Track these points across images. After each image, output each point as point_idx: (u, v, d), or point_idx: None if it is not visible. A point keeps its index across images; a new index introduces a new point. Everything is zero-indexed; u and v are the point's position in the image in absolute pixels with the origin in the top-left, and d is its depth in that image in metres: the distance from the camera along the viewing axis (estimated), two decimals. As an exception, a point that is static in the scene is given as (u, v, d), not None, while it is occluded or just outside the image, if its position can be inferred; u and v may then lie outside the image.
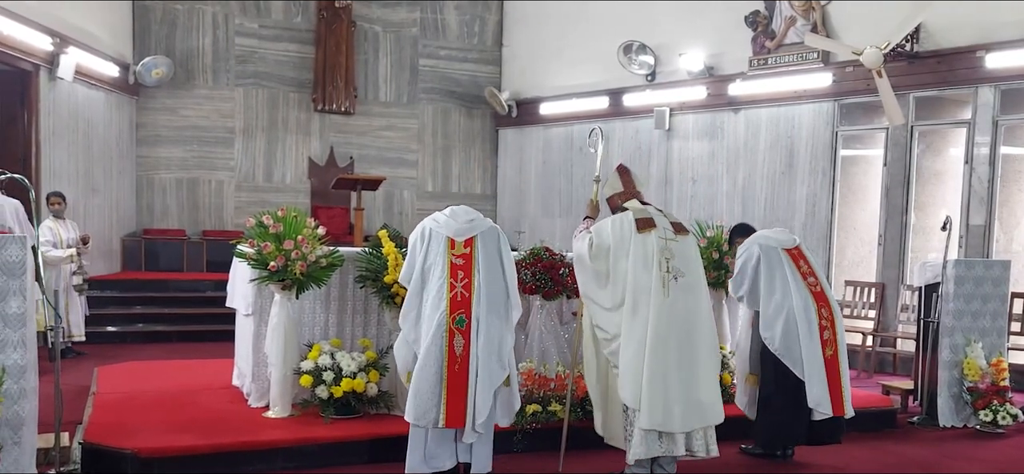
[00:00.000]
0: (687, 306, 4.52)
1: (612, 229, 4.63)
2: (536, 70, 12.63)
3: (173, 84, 11.55)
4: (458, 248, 4.58)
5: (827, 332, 5.20)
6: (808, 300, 5.20)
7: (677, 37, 10.72)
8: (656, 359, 4.41)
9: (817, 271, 5.39)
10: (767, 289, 5.27)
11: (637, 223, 4.59)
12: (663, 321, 4.44)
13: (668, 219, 4.70)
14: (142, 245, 11.41)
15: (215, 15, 11.85)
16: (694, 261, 4.66)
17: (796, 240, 5.46)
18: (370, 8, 12.53)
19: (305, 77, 12.25)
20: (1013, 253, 8.38)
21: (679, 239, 4.61)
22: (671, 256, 4.55)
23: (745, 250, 5.44)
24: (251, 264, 5.49)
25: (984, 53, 8.20)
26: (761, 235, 5.50)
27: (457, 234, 4.61)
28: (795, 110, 9.81)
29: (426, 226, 4.71)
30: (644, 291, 4.47)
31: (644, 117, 11.16)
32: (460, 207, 4.79)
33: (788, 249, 5.36)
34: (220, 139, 11.98)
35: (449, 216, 4.70)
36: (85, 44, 9.87)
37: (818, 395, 5.10)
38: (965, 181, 8.50)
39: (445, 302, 4.44)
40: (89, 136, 10.27)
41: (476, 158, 13.30)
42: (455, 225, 4.65)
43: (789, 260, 5.31)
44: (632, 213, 4.66)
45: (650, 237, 4.55)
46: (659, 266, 4.49)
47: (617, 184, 4.87)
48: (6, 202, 6.74)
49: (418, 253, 4.63)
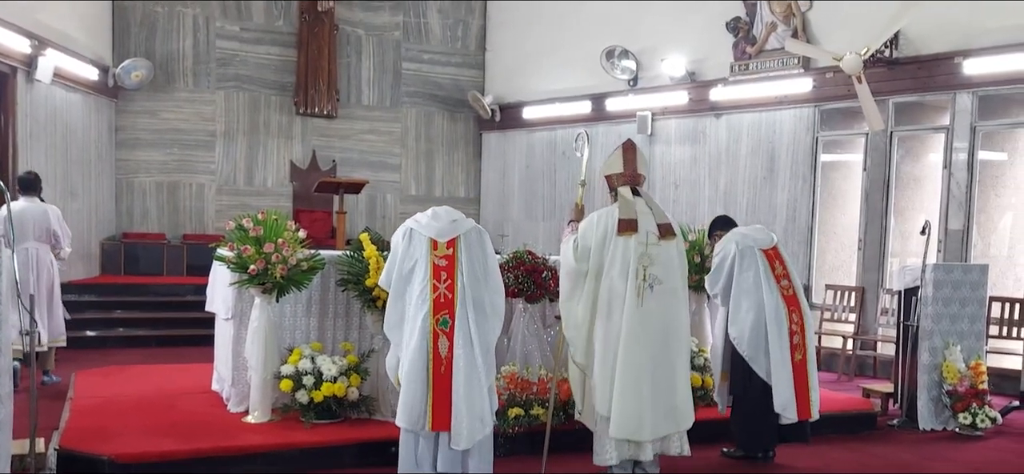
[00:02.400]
0: (663, 314, 4.47)
1: (596, 229, 4.60)
2: (519, 74, 12.65)
3: (153, 87, 11.45)
4: (441, 249, 4.52)
5: (797, 336, 5.20)
6: (779, 303, 5.21)
7: (659, 42, 10.77)
8: (628, 369, 4.39)
9: (791, 273, 5.38)
10: (739, 289, 5.28)
11: (619, 224, 4.54)
12: (635, 330, 4.41)
13: (655, 219, 4.60)
14: (121, 249, 11.29)
15: (196, 18, 11.77)
16: (675, 267, 4.59)
17: (774, 239, 5.45)
18: (353, 12, 12.49)
19: (287, 80, 12.19)
20: (991, 257, 8.48)
21: (662, 244, 4.54)
22: (650, 263, 4.49)
23: (722, 247, 5.43)
24: (231, 268, 5.44)
25: (962, 59, 8.29)
26: (739, 232, 5.48)
27: (439, 235, 4.55)
28: (776, 115, 9.88)
29: (408, 227, 4.65)
30: (619, 298, 4.45)
31: (627, 122, 11.20)
32: (442, 208, 4.73)
33: (765, 249, 5.35)
34: (201, 142, 11.88)
35: (431, 217, 4.64)
36: (63, 46, 9.77)
37: (784, 400, 5.11)
38: (944, 186, 8.59)
39: (428, 304, 4.39)
40: (67, 139, 10.16)
41: (459, 162, 13.28)
42: (437, 226, 4.59)
43: (765, 261, 5.30)
44: (617, 211, 4.60)
45: (630, 242, 4.50)
46: (636, 274, 4.44)
47: (617, 163, 4.75)
48: (49, 209, 7.08)
49: (399, 256, 4.57)
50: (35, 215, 7.01)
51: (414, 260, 4.52)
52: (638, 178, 4.73)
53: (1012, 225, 8.74)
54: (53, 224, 7.07)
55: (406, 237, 4.59)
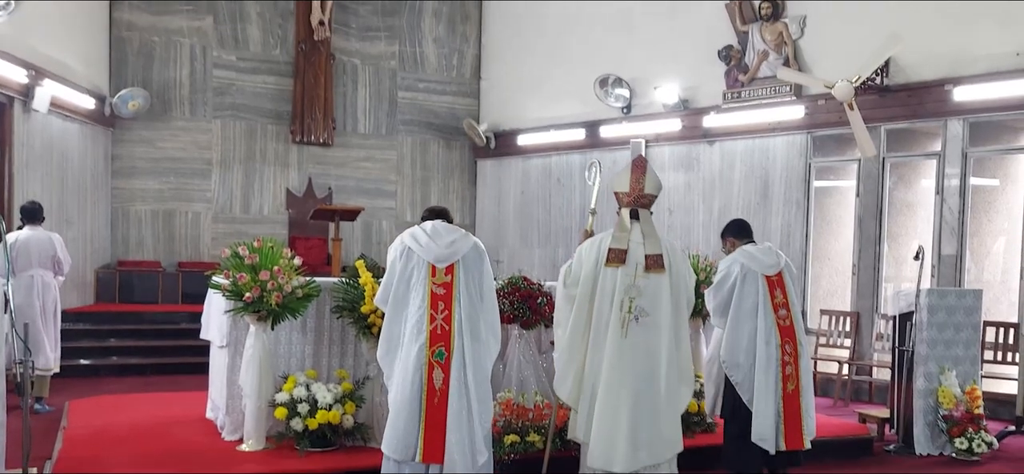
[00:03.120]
0: (648, 346, 4.41)
1: (588, 256, 4.56)
2: (514, 102, 12.73)
3: (150, 116, 11.49)
4: (439, 276, 4.40)
5: (789, 367, 5.15)
6: (772, 333, 5.17)
7: (652, 71, 10.87)
8: (606, 399, 4.35)
9: (791, 302, 5.31)
10: (735, 312, 5.25)
11: (607, 254, 4.48)
12: (617, 362, 4.37)
13: (645, 250, 4.50)
14: (116, 277, 11.27)
15: (193, 47, 11.85)
16: (663, 300, 4.47)
17: (781, 264, 5.34)
18: (349, 41, 12.59)
19: (283, 109, 12.25)
20: (984, 282, 8.51)
21: (650, 276, 4.45)
22: (637, 295, 4.42)
23: (727, 266, 5.35)
24: (226, 295, 5.45)
25: (952, 86, 8.38)
26: (747, 254, 5.35)
27: (438, 260, 4.42)
28: (769, 142, 9.95)
29: (405, 245, 4.49)
30: (603, 327, 4.44)
31: (621, 148, 11.26)
32: (441, 224, 4.58)
33: (768, 275, 5.26)
34: (197, 171, 11.91)
35: (430, 237, 4.47)
36: (60, 76, 9.82)
37: (763, 430, 5.07)
38: (936, 212, 8.64)
39: (424, 335, 4.31)
40: (63, 168, 10.18)
41: (455, 189, 13.33)
42: (436, 250, 4.44)
43: (766, 288, 5.24)
44: (609, 239, 4.57)
45: (617, 272, 4.45)
46: (620, 306, 4.40)
47: (623, 181, 4.64)
48: (52, 236, 7.35)
49: (395, 276, 4.44)
50: (40, 243, 7.28)
51: (410, 281, 4.41)
52: (642, 200, 4.61)
53: (1005, 250, 8.79)
54: (58, 251, 7.35)
55: (404, 256, 4.46)
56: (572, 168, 12.05)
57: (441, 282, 4.40)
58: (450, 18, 13.13)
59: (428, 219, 4.68)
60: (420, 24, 12.97)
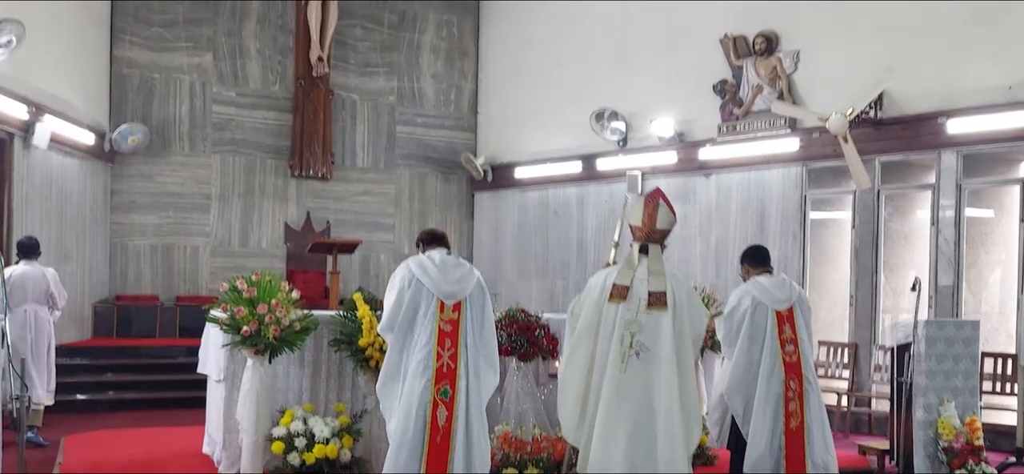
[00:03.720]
0: (646, 381, 4.38)
1: (594, 289, 4.55)
2: (511, 136, 12.82)
3: (149, 151, 11.55)
4: (447, 312, 4.38)
5: (793, 404, 5.12)
6: (776, 368, 5.13)
7: (647, 104, 10.96)
8: (603, 433, 4.34)
9: (800, 337, 5.23)
10: (741, 347, 5.23)
11: (611, 289, 4.47)
12: (615, 396, 4.36)
13: (648, 287, 4.46)
14: (114, 311, 11.25)
15: (193, 84, 11.94)
16: (665, 337, 4.43)
17: (791, 299, 5.26)
18: (348, 77, 12.70)
19: (283, 144, 12.33)
20: (982, 313, 8.52)
21: (652, 313, 4.42)
22: (638, 330, 4.40)
23: (738, 297, 5.30)
24: (224, 329, 5.45)
25: (946, 119, 8.45)
26: (759, 285, 5.28)
27: (447, 297, 4.41)
28: (765, 174, 10.01)
29: (413, 274, 4.45)
30: (603, 361, 4.43)
31: (617, 181, 11.33)
32: (450, 258, 4.56)
33: (779, 310, 5.20)
34: (196, 205, 11.95)
35: (439, 269, 4.44)
36: (61, 112, 9.87)
37: (756, 462, 5.06)
38: (932, 243, 8.67)
39: (431, 372, 4.29)
40: (62, 203, 10.21)
41: (452, 221, 13.37)
42: (446, 286, 4.42)
43: (774, 322, 5.18)
44: (613, 274, 4.55)
45: (619, 307, 4.44)
46: (621, 341, 4.38)
47: (637, 214, 4.62)
48: (46, 272, 7.40)
49: (403, 306, 4.39)
50: (35, 278, 7.32)
51: (417, 313, 4.37)
52: (654, 234, 4.57)
53: (1002, 281, 8.81)
54: (51, 286, 7.39)
55: (413, 286, 4.42)
56: (569, 201, 12.11)
57: (448, 319, 4.39)
58: (448, 54, 13.27)
59: (428, 243, 4.65)
60: (418, 60, 13.11)
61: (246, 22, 12.16)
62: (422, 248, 4.73)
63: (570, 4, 12.04)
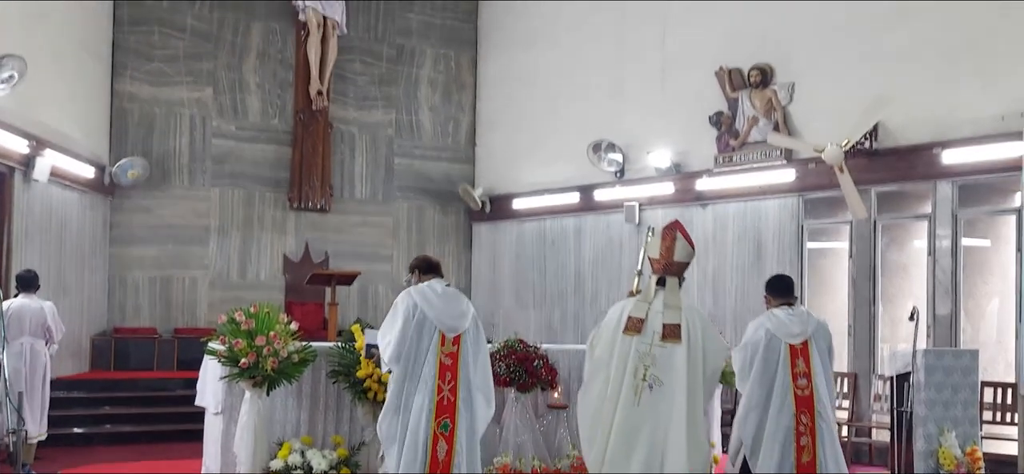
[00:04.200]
0: (660, 415, 4.38)
1: (612, 320, 4.56)
2: (508, 167, 12.89)
3: (149, 184, 11.59)
4: (447, 345, 4.39)
5: (805, 438, 5.09)
6: (787, 402, 5.10)
7: (644, 136, 11.04)
8: (616, 465, 4.34)
9: (814, 371, 5.16)
10: (753, 380, 5.19)
11: (627, 321, 4.48)
12: (627, 428, 4.36)
13: (663, 319, 4.46)
14: (112, 344, 11.22)
15: (193, 117, 12.02)
16: (678, 370, 4.41)
17: (807, 333, 5.19)
18: (346, 110, 12.80)
19: (281, 176, 12.38)
20: (980, 342, 8.53)
21: (666, 345, 4.41)
22: (652, 363, 4.40)
23: (753, 331, 5.28)
24: (222, 361, 5.45)
25: (940, 150, 8.51)
26: (774, 318, 5.25)
27: (449, 330, 4.43)
28: (761, 205, 10.05)
29: (417, 305, 4.45)
30: (616, 393, 4.43)
31: (615, 212, 11.38)
32: (449, 289, 4.57)
33: (794, 344, 5.15)
34: (195, 237, 11.97)
35: (441, 300, 4.46)
36: (61, 146, 9.91)
37: None
38: (929, 273, 8.69)
39: (433, 404, 4.30)
40: (62, 237, 10.22)
41: (451, 252, 13.39)
42: (449, 320, 4.44)
43: (787, 356, 5.14)
44: (630, 306, 4.56)
45: (633, 340, 4.44)
46: (634, 373, 4.39)
47: (655, 247, 4.62)
48: (44, 305, 7.43)
49: (409, 335, 4.37)
50: (32, 311, 7.35)
51: (421, 345, 4.36)
52: (671, 267, 4.57)
53: (1000, 310, 8.82)
54: (48, 320, 7.40)
55: (418, 316, 4.41)
56: (566, 231, 12.15)
57: (449, 352, 4.41)
58: (446, 88, 13.39)
59: (425, 271, 4.64)
60: (416, 93, 13.22)
61: (246, 57, 12.28)
62: (417, 276, 4.72)
63: (567, 38, 12.17)
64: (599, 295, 11.65)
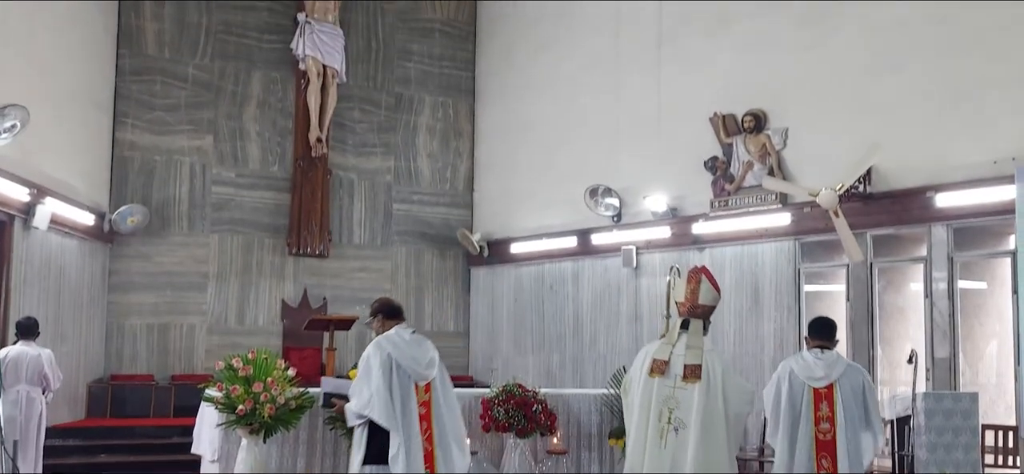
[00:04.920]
0: (683, 458, 4.40)
1: (636, 365, 4.64)
2: (506, 212, 12.97)
3: (148, 231, 11.64)
4: (420, 393, 4.35)
5: None
6: (807, 445, 5.05)
7: (640, 180, 11.13)
8: None
9: (837, 415, 5.07)
10: (783, 423, 5.15)
11: (652, 364, 4.55)
12: (653, 471, 4.40)
13: (684, 361, 4.52)
14: (109, 391, 11.17)
15: (193, 165, 12.11)
16: (697, 410, 4.44)
17: (831, 377, 5.10)
18: (346, 157, 12.91)
19: (280, 222, 12.44)
20: (980, 385, 8.51)
21: (687, 386, 4.47)
22: (676, 406, 4.45)
23: (780, 370, 5.26)
24: (219, 408, 5.43)
25: (934, 194, 8.58)
26: (801, 360, 5.23)
27: (421, 379, 4.40)
28: (757, 248, 10.10)
29: (387, 353, 4.39)
30: (643, 436, 4.46)
31: (612, 256, 11.42)
32: (416, 335, 4.52)
33: (817, 387, 5.09)
34: (193, 284, 11.99)
35: (411, 348, 4.42)
36: (62, 194, 9.97)
37: None
38: (927, 315, 8.70)
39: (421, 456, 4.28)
40: (60, 284, 10.24)
41: (449, 296, 13.41)
42: (419, 367, 4.39)
43: (810, 399, 5.09)
44: (654, 349, 4.63)
45: (656, 382, 4.50)
46: (659, 416, 4.44)
47: (681, 291, 4.73)
48: (42, 353, 7.45)
49: (387, 388, 4.30)
50: (30, 359, 7.38)
51: (399, 395, 4.30)
52: (696, 310, 4.65)
53: (998, 353, 8.81)
54: (45, 367, 7.42)
55: (393, 367, 4.37)
56: (564, 275, 12.17)
57: (422, 400, 4.36)
58: (444, 134, 13.53)
59: (390, 316, 4.58)
60: (415, 140, 13.35)
61: (247, 105, 12.42)
62: (380, 321, 4.65)
63: (563, 86, 12.34)
64: (598, 339, 11.65)
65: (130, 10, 11.81)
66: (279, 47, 12.52)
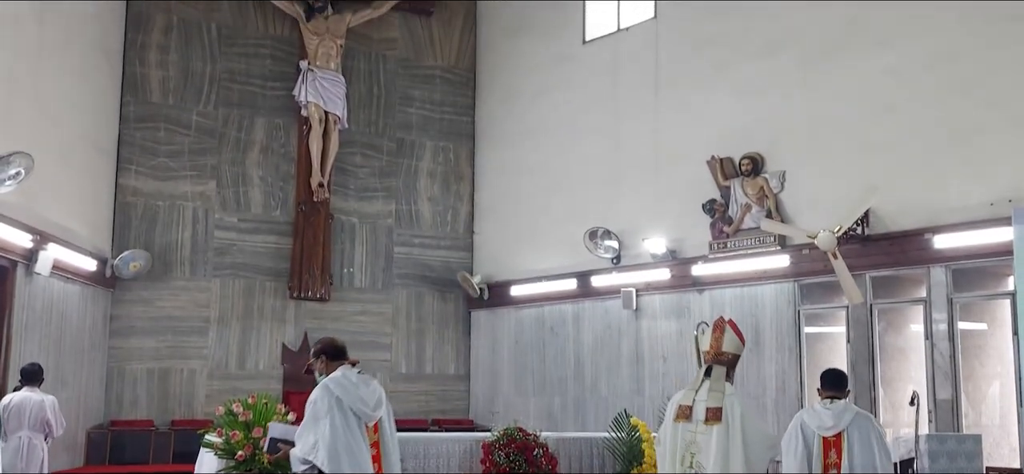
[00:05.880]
0: None
1: (667, 412, 4.81)
2: (506, 255, 13.01)
3: (150, 276, 11.68)
4: (370, 433, 4.34)
5: None
6: None
7: (639, 223, 11.19)
8: None
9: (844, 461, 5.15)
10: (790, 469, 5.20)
11: (677, 410, 4.74)
12: None
13: (705, 405, 4.66)
14: (108, 437, 11.11)
15: (196, 210, 12.19)
16: (716, 452, 4.56)
17: (840, 426, 5.19)
18: (347, 201, 13.00)
19: (282, 267, 12.48)
20: (983, 427, 8.46)
21: (707, 429, 4.62)
22: (697, 450, 4.60)
23: (793, 424, 5.36)
24: (218, 454, 5.42)
25: (932, 235, 8.63)
26: (811, 411, 5.36)
27: (370, 419, 4.35)
28: (757, 290, 10.12)
29: (336, 397, 4.29)
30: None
31: (612, 298, 11.43)
32: (361, 375, 4.45)
33: (826, 436, 5.18)
34: (194, 328, 11.99)
35: (360, 388, 4.34)
36: (64, 240, 9.99)
37: None
38: (928, 356, 8.70)
39: None
40: (62, 329, 10.24)
41: (449, 339, 13.40)
42: (367, 409, 4.32)
43: (820, 447, 5.18)
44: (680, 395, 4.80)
45: (681, 428, 4.67)
46: (681, 460, 4.59)
47: (706, 340, 4.94)
48: (45, 399, 7.46)
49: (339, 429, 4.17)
50: (33, 405, 7.37)
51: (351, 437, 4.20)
52: (720, 357, 4.85)
53: (1001, 394, 8.78)
54: (48, 413, 7.42)
55: (341, 409, 4.27)
56: (565, 317, 12.18)
57: (372, 441, 4.32)
58: (444, 178, 13.64)
59: (332, 356, 4.53)
60: (416, 185, 13.45)
61: (250, 151, 12.54)
62: (325, 362, 4.59)
63: (561, 131, 12.47)
64: (599, 381, 11.62)
65: (135, 59, 11.99)
66: (282, 94, 12.69)
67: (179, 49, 12.24)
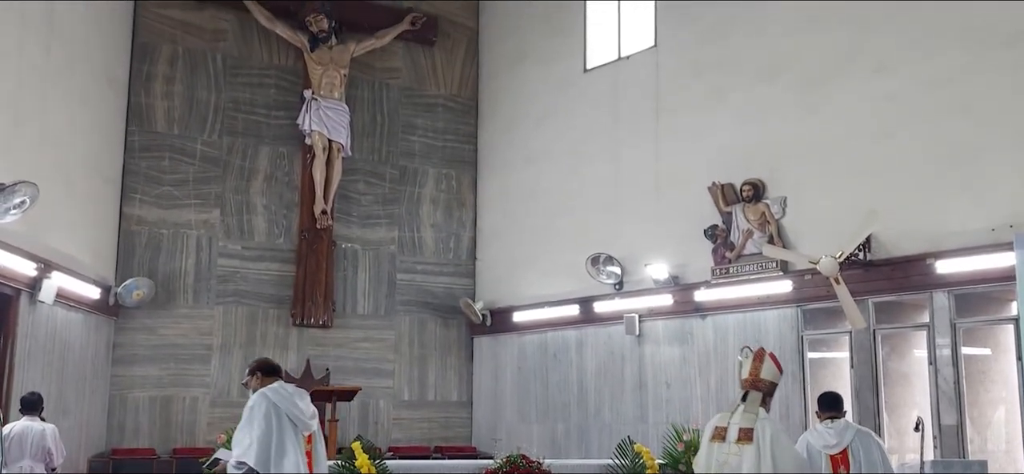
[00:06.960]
0: None
1: (704, 435, 5.09)
2: (509, 281, 13.02)
3: (153, 304, 11.70)
4: (303, 443, 4.57)
5: None
6: None
7: (642, 248, 11.20)
8: None
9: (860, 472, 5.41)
10: None
11: (713, 431, 5.00)
12: None
13: (739, 426, 4.91)
14: (110, 465, 11.07)
15: (199, 238, 12.24)
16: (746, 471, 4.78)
17: (844, 443, 5.49)
18: (350, 228, 13.04)
19: (285, 294, 12.50)
20: (988, 453, 8.40)
21: (740, 449, 4.84)
22: (730, 469, 4.81)
23: (800, 441, 5.64)
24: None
25: (934, 260, 8.61)
26: (815, 432, 5.65)
27: (306, 429, 4.58)
28: (760, 315, 10.10)
29: (273, 403, 4.47)
30: None
31: (615, 323, 11.42)
32: (295, 388, 4.66)
33: (832, 454, 5.44)
34: (197, 356, 11.99)
35: (295, 398, 4.54)
36: (68, 268, 10.02)
37: None
38: (932, 382, 8.65)
39: None
40: (64, 358, 10.24)
41: (452, 365, 13.37)
42: (304, 418, 4.56)
43: (828, 465, 5.42)
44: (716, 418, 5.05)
45: (715, 448, 4.90)
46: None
47: (745, 368, 5.22)
48: (46, 428, 7.47)
49: (273, 434, 4.35)
50: (34, 434, 7.37)
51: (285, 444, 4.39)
52: (757, 384, 5.12)
53: (1006, 420, 8.73)
54: (49, 442, 7.40)
55: (276, 415, 4.44)
56: (568, 343, 12.16)
57: (306, 450, 4.55)
58: (447, 205, 13.69)
59: (266, 373, 4.72)
60: (418, 212, 13.50)
61: (254, 179, 12.61)
62: (259, 378, 4.76)
63: (563, 158, 12.53)
64: (603, 407, 11.57)
65: (140, 89, 12.10)
66: (286, 123, 12.78)
67: (184, 79, 12.35)
